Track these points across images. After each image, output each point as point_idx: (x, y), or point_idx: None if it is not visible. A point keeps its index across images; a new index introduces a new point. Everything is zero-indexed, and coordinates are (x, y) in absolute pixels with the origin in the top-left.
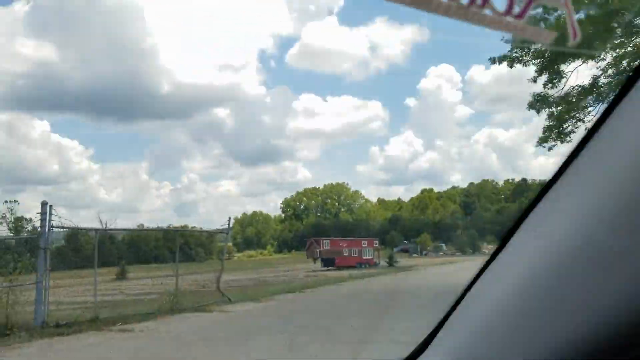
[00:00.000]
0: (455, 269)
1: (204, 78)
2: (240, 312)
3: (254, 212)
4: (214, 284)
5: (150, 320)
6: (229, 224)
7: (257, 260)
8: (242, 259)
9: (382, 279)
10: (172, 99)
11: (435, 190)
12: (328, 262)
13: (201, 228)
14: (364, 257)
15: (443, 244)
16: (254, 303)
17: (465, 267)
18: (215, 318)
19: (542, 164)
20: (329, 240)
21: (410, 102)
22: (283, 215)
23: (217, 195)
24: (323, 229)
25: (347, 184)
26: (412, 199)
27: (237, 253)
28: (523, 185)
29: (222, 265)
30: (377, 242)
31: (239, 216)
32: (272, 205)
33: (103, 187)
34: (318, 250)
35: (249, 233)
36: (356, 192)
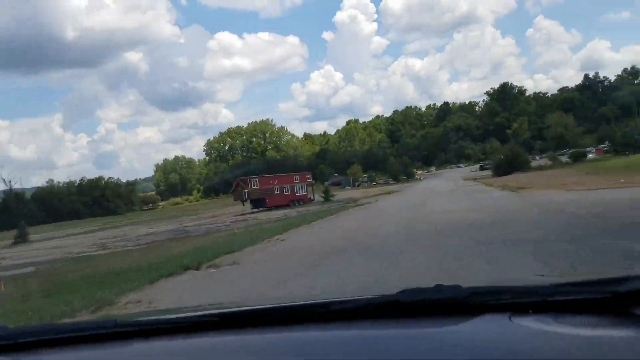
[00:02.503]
0: (408, 199)
1: (110, 21)
2: None
3: (176, 157)
4: (118, 242)
5: None
6: None
7: (182, 208)
8: (167, 207)
9: (337, 220)
10: (79, 45)
11: (360, 121)
12: (258, 203)
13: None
14: (298, 194)
15: (374, 174)
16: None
17: (415, 192)
18: None
19: (455, 90)
20: (257, 179)
21: (327, 35)
22: (207, 158)
23: (137, 144)
24: (250, 169)
25: (272, 121)
26: (338, 130)
27: (162, 201)
28: (445, 108)
29: None
30: (309, 176)
31: (160, 162)
32: (196, 150)
33: (14, 144)
34: (246, 190)
35: (173, 179)
36: (282, 128)
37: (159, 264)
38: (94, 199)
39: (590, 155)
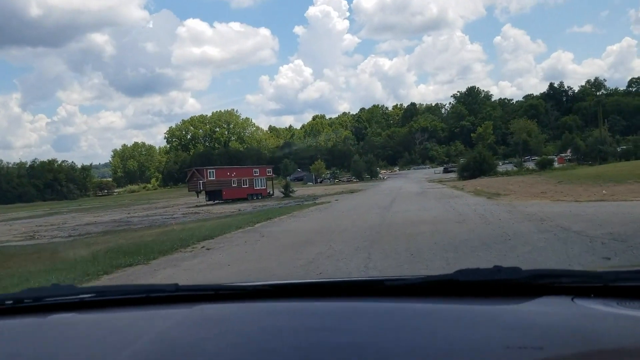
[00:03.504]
0: (373, 201)
1: (77, 0)
2: None
3: (136, 144)
4: (51, 231)
5: None
6: None
7: (138, 196)
8: (122, 195)
9: (288, 223)
10: (42, 24)
11: (327, 117)
12: (214, 195)
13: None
14: (256, 188)
15: (337, 171)
16: None
17: (379, 193)
18: None
19: (422, 92)
20: (214, 170)
21: (299, 30)
22: (168, 146)
23: (99, 128)
24: (212, 159)
25: (237, 111)
26: (303, 125)
27: (118, 188)
28: (412, 109)
29: None
30: (270, 170)
31: (119, 148)
32: (160, 138)
33: None
34: (201, 181)
35: (131, 166)
36: (246, 119)
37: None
38: (46, 183)
39: (554, 163)
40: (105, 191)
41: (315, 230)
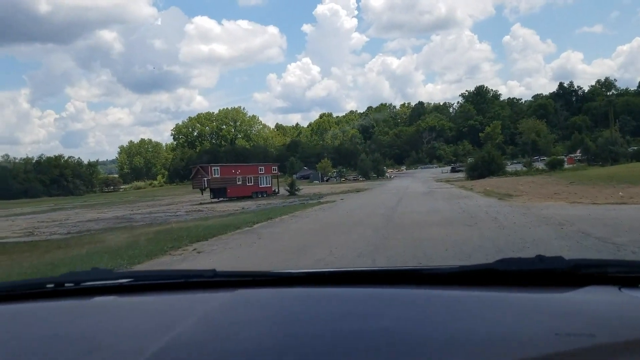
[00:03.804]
0: (379, 200)
1: None
2: None
3: (142, 140)
4: (51, 228)
5: None
6: None
7: (143, 192)
8: (128, 191)
9: (288, 224)
10: (51, 20)
11: (334, 115)
12: (219, 193)
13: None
14: (262, 185)
15: (344, 169)
16: None
17: (386, 192)
18: None
19: (429, 91)
20: (219, 167)
21: (307, 28)
22: (175, 142)
23: (107, 125)
24: (218, 156)
25: (244, 109)
26: (310, 123)
27: (124, 184)
28: (420, 108)
29: None
30: (275, 167)
31: (126, 145)
32: (167, 135)
33: None
34: (206, 179)
35: (137, 163)
36: (253, 117)
37: None
38: (52, 178)
39: (564, 163)
40: (112, 187)
41: (316, 232)
